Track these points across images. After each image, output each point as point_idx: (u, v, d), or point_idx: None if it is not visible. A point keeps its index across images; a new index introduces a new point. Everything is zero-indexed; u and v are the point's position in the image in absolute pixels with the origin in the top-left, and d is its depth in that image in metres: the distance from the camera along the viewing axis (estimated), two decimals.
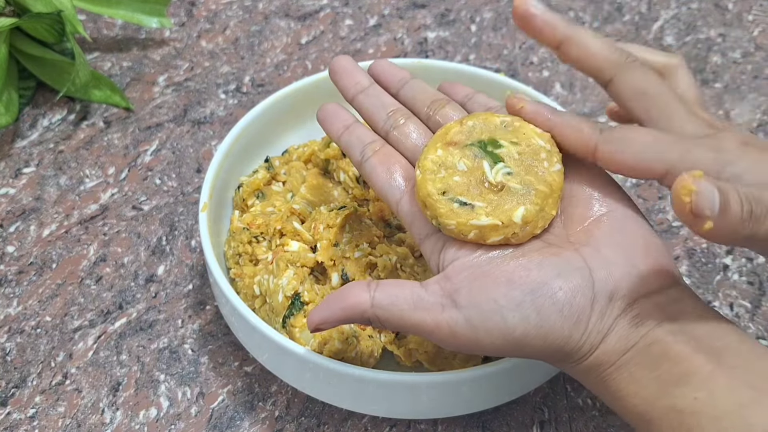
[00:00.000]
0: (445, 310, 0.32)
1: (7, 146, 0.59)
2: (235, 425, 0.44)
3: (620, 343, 0.31)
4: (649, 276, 0.32)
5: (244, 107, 0.61)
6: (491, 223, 0.33)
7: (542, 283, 0.32)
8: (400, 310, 0.33)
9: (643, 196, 0.56)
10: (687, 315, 0.31)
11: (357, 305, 0.34)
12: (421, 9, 0.72)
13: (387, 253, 0.44)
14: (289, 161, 0.51)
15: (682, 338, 0.30)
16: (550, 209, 0.34)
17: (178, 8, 0.70)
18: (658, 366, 0.30)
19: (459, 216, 0.34)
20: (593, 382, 0.33)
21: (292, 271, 0.43)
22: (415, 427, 0.44)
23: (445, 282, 0.33)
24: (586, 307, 0.31)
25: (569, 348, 0.32)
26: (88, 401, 0.45)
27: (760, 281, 0.51)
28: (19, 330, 0.48)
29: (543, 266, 0.32)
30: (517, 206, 0.34)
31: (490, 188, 0.34)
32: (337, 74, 0.42)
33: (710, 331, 0.31)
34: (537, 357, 0.33)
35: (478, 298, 0.32)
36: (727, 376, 0.29)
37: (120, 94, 0.61)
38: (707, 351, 0.30)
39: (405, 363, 0.43)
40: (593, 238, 0.33)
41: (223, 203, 0.49)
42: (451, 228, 0.34)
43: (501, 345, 0.32)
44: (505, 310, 0.31)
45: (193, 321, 0.49)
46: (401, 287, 0.34)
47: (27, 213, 0.54)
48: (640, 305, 0.32)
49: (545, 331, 0.31)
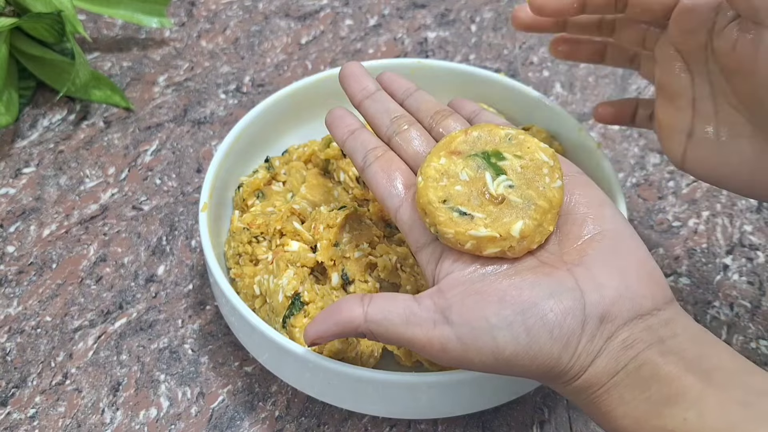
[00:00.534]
0: (437, 326, 0.33)
1: (7, 146, 0.59)
2: (235, 425, 0.44)
3: (610, 365, 0.31)
4: (641, 298, 0.32)
5: (244, 107, 0.61)
6: (489, 235, 0.33)
7: (533, 303, 0.32)
8: (392, 324, 0.33)
9: (643, 196, 0.56)
10: (678, 336, 0.31)
11: (350, 320, 0.34)
12: (421, 9, 0.72)
13: (387, 253, 0.44)
14: (289, 161, 0.51)
15: (673, 359, 0.30)
16: (548, 225, 0.34)
17: (178, 8, 0.70)
18: (648, 387, 0.30)
19: (458, 225, 0.34)
20: (583, 402, 0.33)
21: (292, 271, 0.43)
22: (415, 427, 0.44)
23: (439, 297, 0.33)
24: (576, 329, 0.32)
25: (558, 369, 0.32)
26: (88, 401, 0.45)
27: (760, 281, 0.51)
28: (19, 330, 0.48)
29: (535, 286, 0.32)
30: (515, 220, 0.34)
31: (491, 200, 0.34)
32: (346, 79, 0.43)
33: (701, 352, 0.31)
34: (527, 376, 0.33)
35: (469, 315, 0.32)
36: (718, 396, 0.29)
37: (120, 94, 0.61)
38: (697, 371, 0.30)
39: (405, 363, 0.43)
40: (587, 258, 0.33)
41: (223, 203, 0.49)
42: (448, 237, 0.34)
43: (491, 363, 0.32)
44: (496, 330, 0.32)
45: (193, 321, 0.49)
46: (394, 301, 0.34)
47: (27, 213, 0.54)
48: (631, 328, 0.32)
49: (534, 352, 0.31)
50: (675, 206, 0.56)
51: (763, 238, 0.54)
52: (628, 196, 0.56)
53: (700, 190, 0.57)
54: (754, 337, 0.49)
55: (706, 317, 0.49)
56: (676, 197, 0.56)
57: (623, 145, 0.60)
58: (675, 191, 0.57)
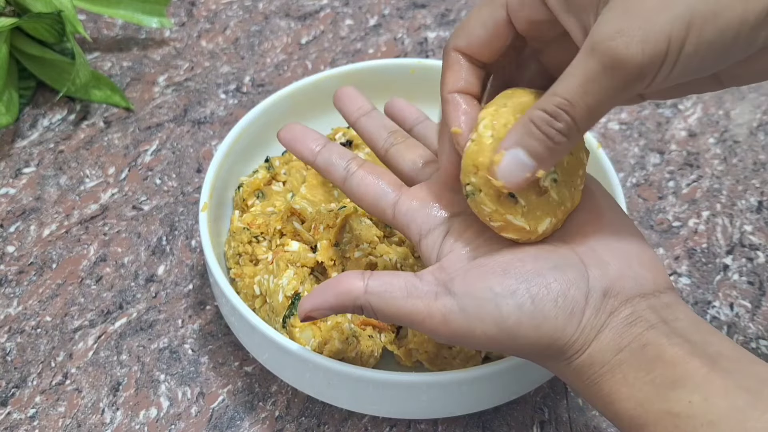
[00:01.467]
0: (439, 297, 0.32)
1: (7, 146, 0.59)
2: (235, 425, 0.44)
3: (614, 342, 0.31)
4: (644, 278, 0.32)
5: (244, 107, 0.61)
6: (520, 226, 0.33)
7: (537, 273, 0.32)
8: (393, 297, 0.33)
9: (643, 196, 0.56)
10: (680, 320, 0.31)
11: (350, 291, 0.34)
12: (421, 9, 0.72)
13: (387, 253, 0.44)
14: (289, 161, 0.51)
15: (677, 341, 0.30)
16: (561, 223, 0.35)
17: (178, 8, 0.70)
18: (652, 369, 0.30)
19: (501, 204, 0.33)
20: (585, 384, 0.32)
21: (292, 271, 0.43)
22: (415, 427, 0.44)
23: (440, 272, 0.33)
24: (580, 300, 0.31)
25: (562, 342, 0.32)
26: (88, 401, 0.45)
27: (760, 281, 0.51)
28: (19, 330, 0.48)
29: (538, 259, 0.32)
30: (545, 216, 0.33)
31: (534, 188, 0.33)
32: (341, 101, 0.43)
33: (703, 337, 0.31)
34: (529, 350, 0.32)
35: (472, 286, 0.32)
36: (723, 380, 0.29)
37: (120, 94, 0.61)
38: (702, 355, 0.30)
39: (405, 363, 0.43)
40: (589, 240, 0.34)
41: (223, 203, 0.49)
42: (485, 210, 0.33)
43: (494, 334, 0.32)
44: (500, 298, 0.31)
45: (194, 321, 0.49)
46: (395, 276, 0.34)
47: (27, 213, 0.54)
48: (635, 305, 0.32)
49: (539, 320, 0.31)
50: (675, 206, 0.56)
51: (763, 238, 0.54)
52: (628, 196, 0.56)
53: (700, 190, 0.57)
54: (754, 337, 0.49)
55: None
56: (676, 197, 0.56)
57: (623, 145, 0.60)
58: (675, 191, 0.57)
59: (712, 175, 0.58)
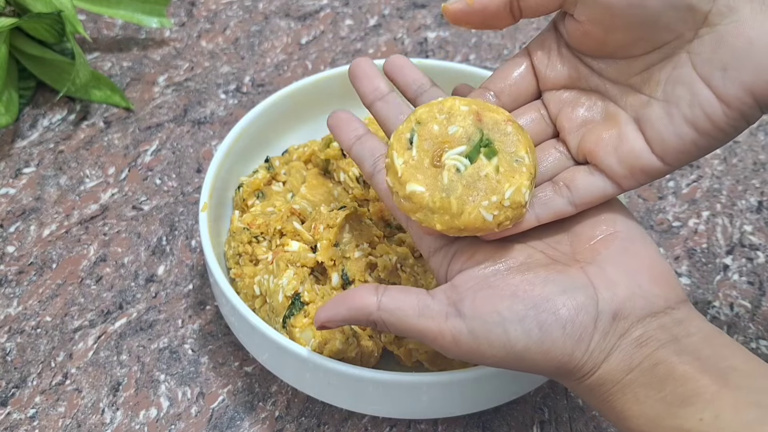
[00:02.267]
0: (449, 318, 0.33)
1: (7, 146, 0.59)
2: (235, 425, 0.44)
3: (624, 363, 0.31)
4: (654, 297, 0.32)
5: (244, 107, 0.61)
6: (420, 191, 0.34)
7: (546, 298, 0.32)
8: (405, 315, 0.33)
9: (643, 196, 0.56)
10: (692, 336, 0.31)
11: (364, 307, 0.34)
12: (421, 9, 0.72)
13: (387, 253, 0.44)
14: (289, 161, 0.51)
15: (688, 359, 0.30)
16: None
17: (178, 8, 0.70)
18: (663, 387, 0.30)
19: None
20: (597, 401, 0.33)
21: (292, 271, 0.43)
22: (415, 427, 0.44)
23: (452, 291, 0.34)
24: (588, 325, 0.32)
25: (571, 365, 0.32)
26: (88, 401, 0.45)
27: (760, 281, 0.51)
28: (19, 330, 0.48)
29: (548, 282, 0.32)
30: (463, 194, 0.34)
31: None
32: (358, 78, 0.41)
33: (716, 352, 0.31)
34: (539, 372, 0.33)
35: (482, 309, 0.32)
36: (733, 396, 0.29)
37: (120, 94, 0.61)
38: (713, 371, 0.30)
39: (405, 363, 0.43)
40: (599, 257, 0.34)
41: (223, 203, 0.49)
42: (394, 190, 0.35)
43: (502, 357, 0.32)
44: (508, 323, 0.32)
45: (193, 321, 0.49)
46: (408, 293, 0.34)
47: (27, 213, 0.54)
48: (645, 325, 0.32)
49: (547, 347, 0.32)
50: (675, 206, 0.56)
51: (763, 238, 0.54)
52: (628, 196, 0.56)
53: (700, 190, 0.57)
54: (754, 337, 0.49)
55: (706, 317, 0.49)
56: (676, 197, 0.56)
57: None
58: (675, 191, 0.57)
59: (712, 175, 0.58)
